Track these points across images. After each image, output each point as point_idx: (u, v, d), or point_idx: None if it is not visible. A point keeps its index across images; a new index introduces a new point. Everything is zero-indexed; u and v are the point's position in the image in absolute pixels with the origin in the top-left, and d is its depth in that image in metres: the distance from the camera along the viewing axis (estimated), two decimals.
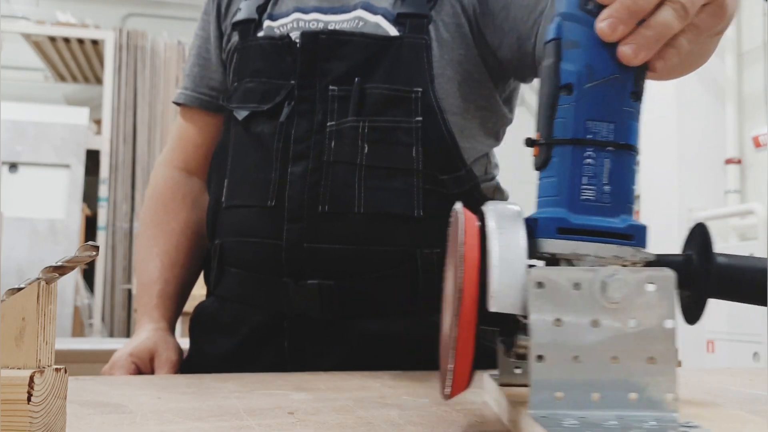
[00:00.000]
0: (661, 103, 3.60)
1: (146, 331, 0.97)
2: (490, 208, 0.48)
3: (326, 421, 0.54)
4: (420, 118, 0.89)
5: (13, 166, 3.55)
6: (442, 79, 0.92)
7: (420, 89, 0.89)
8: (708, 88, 3.60)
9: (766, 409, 0.63)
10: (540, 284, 0.44)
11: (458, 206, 0.50)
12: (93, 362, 0.98)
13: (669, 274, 0.44)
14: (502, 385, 0.56)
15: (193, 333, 1.01)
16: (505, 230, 0.46)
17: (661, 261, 0.48)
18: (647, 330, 0.44)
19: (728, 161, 3.61)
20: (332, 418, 0.55)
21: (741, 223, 3.43)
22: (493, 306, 0.44)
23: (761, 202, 3.30)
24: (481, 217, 0.48)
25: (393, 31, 0.91)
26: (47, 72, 4.41)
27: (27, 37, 3.92)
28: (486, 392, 0.61)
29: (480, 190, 0.94)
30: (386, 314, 0.89)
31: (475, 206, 0.93)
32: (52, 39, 3.88)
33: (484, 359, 0.92)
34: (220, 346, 0.95)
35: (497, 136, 1.01)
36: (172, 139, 1.13)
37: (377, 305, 0.88)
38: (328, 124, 0.89)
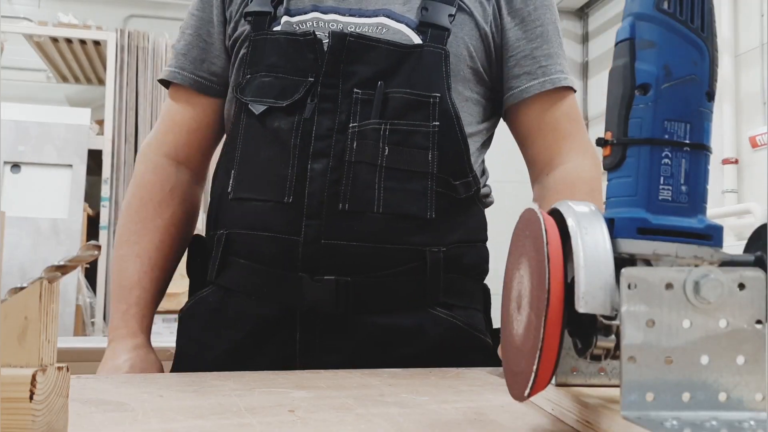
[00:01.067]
0: None
1: (125, 352, 0.95)
2: (566, 208, 0.48)
3: (326, 419, 0.54)
4: (437, 123, 0.92)
5: (15, 166, 3.55)
6: (456, 90, 0.96)
7: (438, 95, 0.93)
8: None
9: None
10: (632, 285, 0.44)
11: (534, 206, 0.50)
12: (95, 361, 0.98)
13: (761, 275, 0.44)
14: (558, 385, 0.56)
15: (191, 326, 0.99)
16: (587, 230, 0.46)
17: (734, 261, 0.48)
18: (738, 330, 0.44)
19: (725, 161, 3.61)
20: (332, 416, 0.55)
21: (738, 222, 3.43)
22: (582, 307, 0.44)
23: (758, 202, 3.30)
24: (555, 216, 0.48)
25: (416, 39, 0.95)
26: (49, 73, 4.41)
27: (29, 38, 3.92)
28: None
29: (480, 195, 0.98)
30: (394, 309, 0.91)
31: (474, 209, 0.97)
32: (54, 40, 3.87)
33: (482, 355, 0.95)
34: (225, 339, 0.94)
35: (489, 144, 1.07)
36: (162, 121, 1.08)
37: (387, 301, 0.91)
38: (351, 125, 0.91)
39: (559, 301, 0.44)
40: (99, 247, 0.42)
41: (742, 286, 0.44)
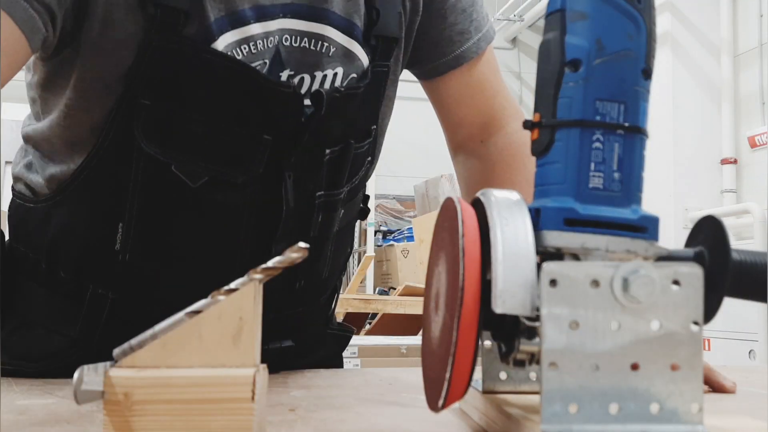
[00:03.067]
0: (657, 104, 3.62)
1: None
2: (488, 197, 0.44)
3: (327, 418, 0.54)
4: (370, 158, 0.81)
5: None
6: (387, 97, 0.83)
7: (374, 126, 0.80)
8: (704, 89, 3.61)
9: (763, 407, 0.64)
10: (554, 282, 0.39)
11: (453, 196, 0.45)
12: None
13: (697, 271, 0.40)
14: (486, 392, 0.52)
15: None
16: (508, 221, 0.41)
17: (672, 256, 0.44)
18: (672, 333, 0.39)
19: (724, 161, 3.64)
20: (333, 414, 0.55)
21: (737, 222, 3.45)
22: (499, 307, 0.39)
23: (757, 202, 3.32)
24: (478, 207, 0.44)
25: (364, 59, 0.76)
26: None
27: None
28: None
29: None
30: None
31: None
32: None
33: None
34: None
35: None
36: None
37: None
38: (317, 194, 0.75)
39: (474, 300, 0.40)
40: (307, 249, 0.40)
41: (676, 283, 0.39)
